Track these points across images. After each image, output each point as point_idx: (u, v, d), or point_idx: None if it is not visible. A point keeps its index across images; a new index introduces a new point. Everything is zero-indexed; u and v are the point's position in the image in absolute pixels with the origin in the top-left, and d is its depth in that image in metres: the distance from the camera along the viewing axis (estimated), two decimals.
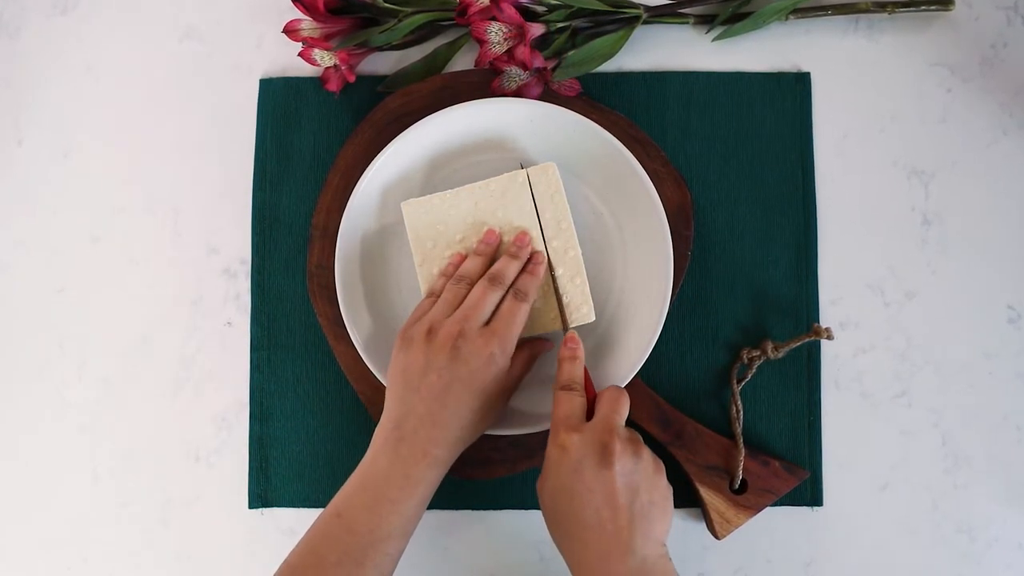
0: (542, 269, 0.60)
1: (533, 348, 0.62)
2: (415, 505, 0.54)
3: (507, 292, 0.58)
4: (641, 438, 0.55)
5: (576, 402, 0.55)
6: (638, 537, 0.51)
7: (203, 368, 0.67)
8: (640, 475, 0.52)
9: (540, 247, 0.61)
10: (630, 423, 0.64)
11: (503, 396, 0.58)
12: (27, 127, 0.69)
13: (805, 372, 0.66)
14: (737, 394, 0.64)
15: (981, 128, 0.68)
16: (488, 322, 0.57)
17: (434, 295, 0.59)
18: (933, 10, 0.68)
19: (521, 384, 0.63)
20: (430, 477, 0.55)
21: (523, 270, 0.60)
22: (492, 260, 0.60)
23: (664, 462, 0.64)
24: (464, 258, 0.61)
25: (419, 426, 0.55)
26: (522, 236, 0.60)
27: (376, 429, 0.57)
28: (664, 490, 0.54)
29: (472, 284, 0.58)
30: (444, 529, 0.66)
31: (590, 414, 0.55)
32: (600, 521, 0.51)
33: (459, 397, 0.55)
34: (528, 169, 0.61)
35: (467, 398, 0.55)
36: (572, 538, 0.52)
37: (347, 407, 0.66)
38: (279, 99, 0.68)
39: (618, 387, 0.56)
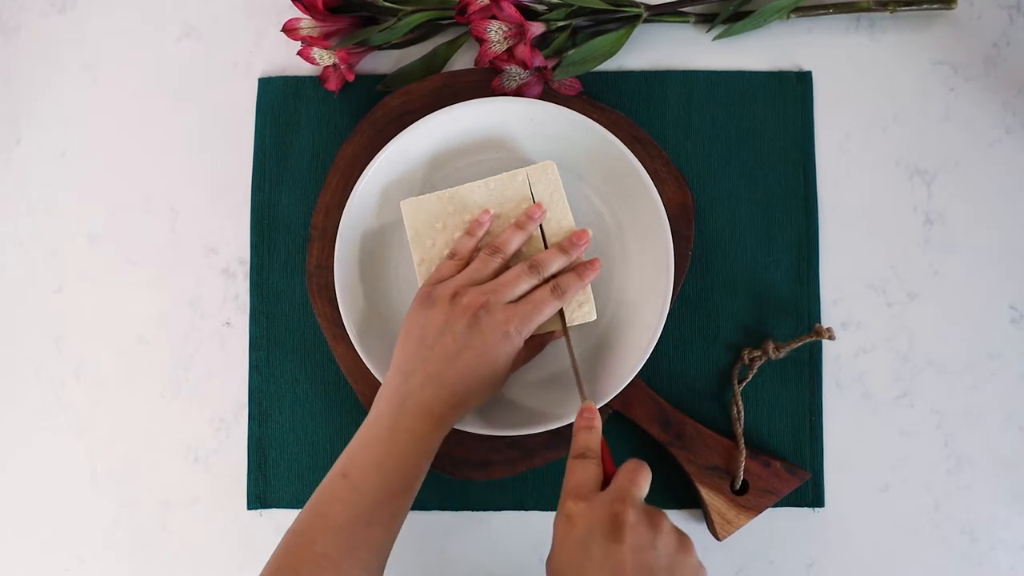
0: (592, 276, 0.59)
1: (542, 338, 0.61)
2: (421, 461, 0.54)
3: (543, 282, 0.58)
4: (665, 513, 0.49)
5: (590, 470, 0.50)
6: None
7: (201, 369, 0.67)
8: (660, 552, 0.46)
9: (540, 247, 0.60)
10: (634, 433, 0.64)
11: (507, 375, 0.58)
12: (25, 126, 0.69)
13: (806, 372, 0.66)
14: (738, 394, 0.64)
15: (984, 127, 0.68)
16: (515, 302, 0.57)
17: (457, 256, 0.59)
18: (935, 9, 0.67)
19: (520, 380, 0.63)
20: (434, 435, 0.55)
21: (574, 269, 0.59)
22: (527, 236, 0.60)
23: (664, 463, 0.64)
24: (491, 218, 0.60)
25: (426, 383, 0.55)
26: (580, 234, 0.60)
27: (381, 387, 0.57)
28: (692, 572, 0.47)
29: (506, 259, 0.58)
30: (443, 531, 0.66)
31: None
32: None
33: (468, 364, 0.55)
34: (528, 168, 0.61)
35: (476, 366, 0.55)
36: None
37: (346, 408, 0.66)
38: (278, 98, 0.68)
39: (639, 460, 0.51)
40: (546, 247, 0.60)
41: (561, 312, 0.59)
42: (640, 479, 0.49)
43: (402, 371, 0.56)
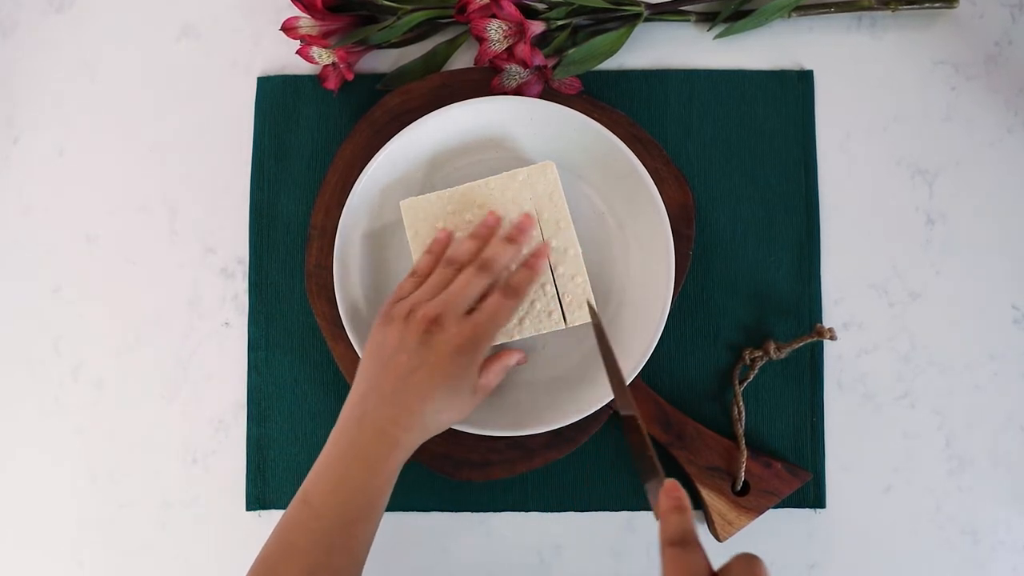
0: (542, 264, 0.58)
1: (507, 358, 0.60)
2: (379, 485, 0.53)
3: (497, 282, 0.56)
4: None
5: (698, 564, 0.44)
6: None
7: (200, 369, 0.66)
8: None
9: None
10: None
11: (473, 394, 0.56)
12: (22, 125, 0.69)
13: (808, 373, 0.65)
14: (739, 395, 0.64)
15: (986, 126, 0.67)
16: (471, 311, 0.55)
17: (417, 274, 0.58)
18: (937, 7, 0.67)
19: (522, 381, 0.63)
20: (392, 458, 0.53)
21: (524, 263, 0.57)
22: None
23: (665, 463, 0.64)
24: (450, 235, 0.59)
25: (381, 403, 0.53)
26: (525, 220, 0.58)
27: (343, 407, 0.55)
28: None
29: (461, 268, 0.57)
30: (443, 532, 0.65)
31: None
32: None
33: (424, 382, 0.53)
34: (527, 168, 0.61)
35: (432, 384, 0.53)
36: None
37: None
38: (277, 97, 0.68)
39: (751, 555, 0.45)
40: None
41: (563, 310, 0.58)
42: None
43: (359, 391, 0.55)
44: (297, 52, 0.66)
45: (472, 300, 0.55)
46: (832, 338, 0.62)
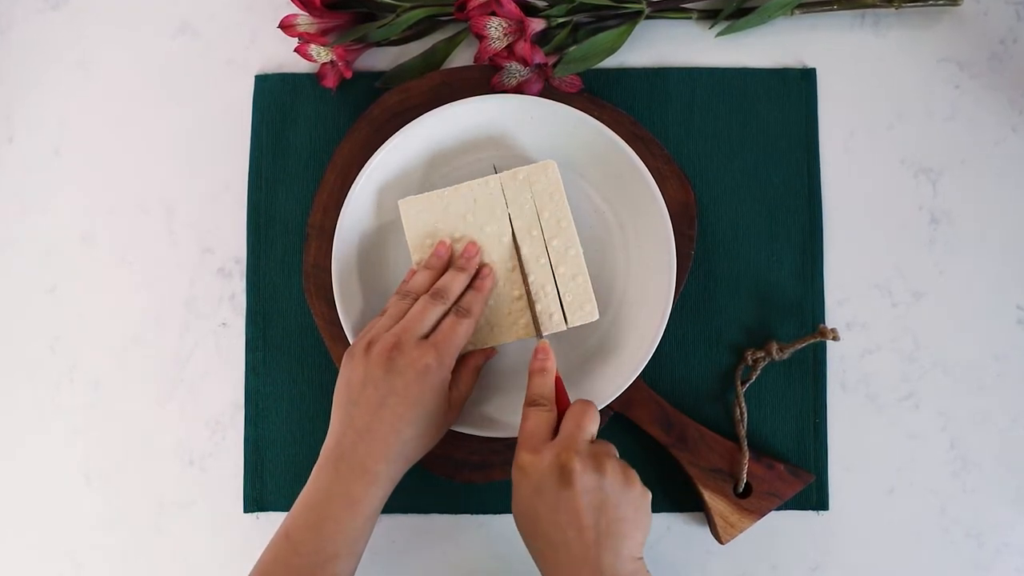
0: (488, 284, 0.59)
1: (475, 359, 0.60)
2: (360, 524, 0.53)
3: (451, 307, 0.57)
4: (609, 450, 0.52)
5: (542, 418, 0.53)
6: (606, 555, 0.50)
7: (197, 370, 0.66)
8: (606, 491, 0.50)
9: (540, 246, 0.60)
10: (636, 435, 0.63)
11: (447, 412, 0.57)
12: (18, 124, 0.68)
13: (811, 374, 0.65)
14: (741, 396, 0.63)
15: (990, 125, 0.67)
16: (428, 335, 0.56)
17: (387, 314, 0.58)
18: (941, 5, 0.67)
19: (522, 382, 0.62)
20: (372, 495, 0.54)
21: (470, 285, 0.59)
22: (443, 273, 0.59)
23: (666, 465, 0.64)
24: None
25: (358, 441, 0.54)
26: (470, 247, 0.59)
27: (321, 450, 0.56)
28: (636, 501, 0.52)
29: (417, 299, 0.58)
30: (443, 534, 0.65)
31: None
32: (566, 541, 0.50)
33: (395, 410, 0.54)
34: (527, 167, 0.60)
35: (404, 411, 0.54)
36: (543, 558, 0.52)
37: None
38: (275, 96, 0.67)
39: (585, 400, 0.54)
40: (546, 247, 0.60)
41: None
42: (586, 422, 0.52)
43: (335, 433, 0.55)
44: (295, 50, 0.66)
45: (429, 326, 0.56)
46: (835, 339, 0.62)
